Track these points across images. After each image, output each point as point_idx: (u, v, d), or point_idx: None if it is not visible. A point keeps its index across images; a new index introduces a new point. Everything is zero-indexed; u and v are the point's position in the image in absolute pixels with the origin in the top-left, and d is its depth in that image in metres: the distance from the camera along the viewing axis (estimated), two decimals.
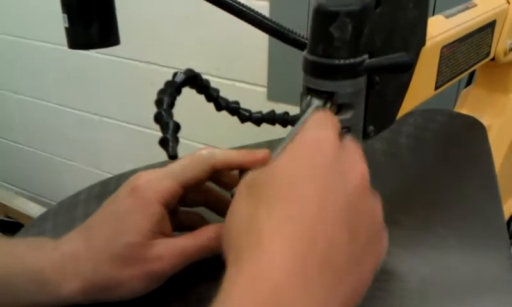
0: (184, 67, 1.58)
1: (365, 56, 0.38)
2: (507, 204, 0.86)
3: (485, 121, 0.74)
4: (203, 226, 0.42)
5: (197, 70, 1.51)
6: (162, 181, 0.41)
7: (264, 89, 1.50)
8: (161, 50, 1.64)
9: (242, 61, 1.49)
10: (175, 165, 0.42)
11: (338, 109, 0.40)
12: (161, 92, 0.41)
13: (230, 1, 0.51)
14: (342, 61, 0.38)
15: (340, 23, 0.37)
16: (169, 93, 0.41)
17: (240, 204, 0.32)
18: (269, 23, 0.51)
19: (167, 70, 1.65)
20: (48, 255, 0.41)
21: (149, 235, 0.40)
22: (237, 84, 1.55)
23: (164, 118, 0.39)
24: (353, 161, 0.33)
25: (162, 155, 0.45)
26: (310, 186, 0.30)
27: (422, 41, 0.46)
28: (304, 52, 0.40)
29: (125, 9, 0.56)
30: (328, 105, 0.39)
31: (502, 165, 0.75)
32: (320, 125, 0.34)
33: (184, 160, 0.42)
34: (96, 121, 1.93)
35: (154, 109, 0.46)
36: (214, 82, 0.49)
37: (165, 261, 0.40)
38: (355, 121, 0.41)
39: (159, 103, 0.40)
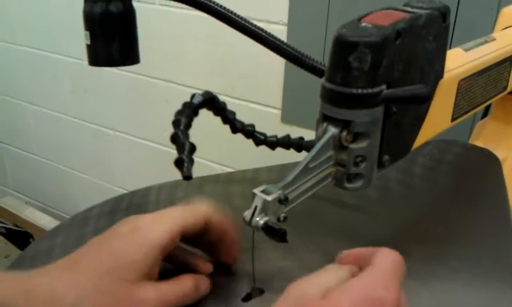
0: (200, 86, 1.59)
1: (383, 86, 0.38)
2: None
3: (500, 154, 0.74)
4: (186, 275, 0.43)
5: (212, 89, 1.52)
6: (164, 225, 0.41)
7: (279, 112, 1.51)
8: (178, 69, 1.65)
9: (258, 82, 1.49)
10: (176, 211, 0.42)
11: (354, 138, 0.40)
12: (179, 113, 0.42)
13: (249, 25, 0.51)
14: (359, 91, 0.38)
15: (359, 53, 0.37)
16: (187, 114, 0.41)
17: None
18: (287, 48, 0.52)
19: (183, 89, 1.67)
20: (19, 288, 0.39)
21: (140, 276, 0.39)
22: (252, 105, 1.56)
23: (181, 139, 0.39)
24: None
25: (175, 173, 0.45)
26: None
27: (440, 74, 0.46)
28: (323, 80, 0.40)
29: (144, 26, 0.57)
30: (344, 133, 0.40)
31: None
32: (389, 285, 0.33)
33: (184, 208, 0.42)
34: (111, 135, 1.94)
35: (169, 127, 0.46)
36: (229, 102, 0.49)
37: (148, 306, 0.40)
38: (370, 150, 0.41)
39: (176, 123, 0.40)
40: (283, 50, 0.53)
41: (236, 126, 0.49)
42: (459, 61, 0.51)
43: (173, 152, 0.44)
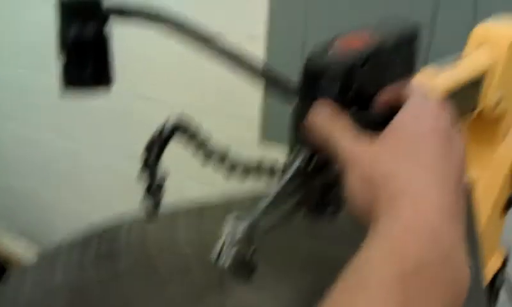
0: (177, 104, 1.58)
1: (354, 109, 0.39)
2: (494, 258, 0.87)
3: (472, 174, 0.75)
4: None
5: (190, 107, 1.52)
6: None
7: (256, 130, 1.51)
8: (155, 87, 1.65)
9: (236, 100, 1.50)
10: None
11: (322, 166, 0.40)
12: (150, 142, 0.42)
13: (219, 45, 0.52)
14: None
15: (327, 79, 0.37)
16: (158, 144, 0.42)
17: (384, 154, 0.35)
18: (260, 68, 0.52)
19: (159, 105, 1.66)
20: None
21: None
22: (230, 122, 1.56)
23: (150, 170, 0.39)
24: (457, 134, 0.38)
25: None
26: (437, 144, 0.35)
27: None
28: (293, 107, 0.40)
29: (120, 45, 0.57)
30: (315, 157, 0.40)
31: (487, 220, 0.76)
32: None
33: None
34: (87, 156, 1.93)
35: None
36: (207, 121, 0.49)
37: None
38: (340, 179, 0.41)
39: (146, 153, 0.41)
40: (256, 70, 0.54)
41: (209, 151, 0.49)
42: (429, 83, 0.52)
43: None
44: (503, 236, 0.88)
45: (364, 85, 0.39)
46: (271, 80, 0.54)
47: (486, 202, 0.76)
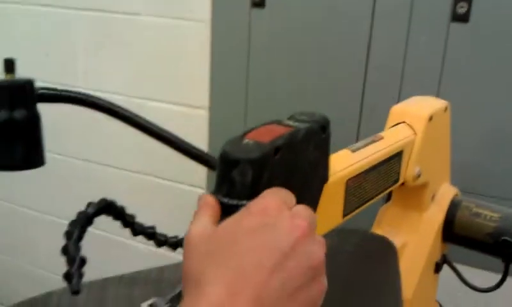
0: (122, 166, 1.58)
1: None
2: None
3: (401, 238, 0.78)
4: None
5: (135, 168, 1.52)
6: None
7: (204, 191, 1.52)
8: (99, 148, 1.66)
9: (181, 162, 1.51)
10: None
11: None
12: (72, 224, 0.43)
13: (149, 127, 0.54)
14: (244, 202, 0.40)
15: (241, 169, 0.40)
16: (80, 225, 0.43)
17: (189, 256, 0.37)
18: (181, 142, 0.55)
19: (105, 168, 1.66)
20: None
21: None
22: (176, 185, 1.57)
23: (71, 252, 0.40)
24: (292, 221, 0.37)
25: (98, 254, 0.45)
26: (249, 241, 0.36)
27: (325, 178, 0.50)
28: (212, 190, 0.42)
29: (66, 107, 0.58)
30: None
31: (419, 280, 0.79)
32: (267, 194, 0.39)
33: None
34: (33, 216, 1.89)
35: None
36: (153, 183, 0.50)
37: None
38: None
39: (68, 235, 0.41)
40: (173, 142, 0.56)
41: (136, 229, 0.50)
42: (346, 162, 0.55)
43: (95, 232, 0.44)
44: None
45: (276, 173, 0.42)
46: (196, 158, 0.56)
47: (417, 263, 0.79)
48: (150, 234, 0.51)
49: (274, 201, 0.38)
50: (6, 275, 2.07)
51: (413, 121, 0.71)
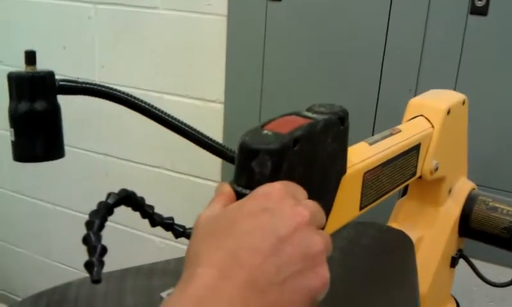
0: (139, 160, 1.60)
1: None
2: None
3: (417, 233, 0.78)
4: None
5: (152, 163, 1.53)
6: None
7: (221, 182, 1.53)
8: (118, 143, 1.67)
9: (197, 156, 1.53)
10: None
11: None
12: (93, 214, 0.43)
13: (167, 117, 0.55)
14: None
15: (260, 160, 0.40)
16: (101, 214, 0.43)
17: (193, 238, 0.37)
18: (197, 134, 0.56)
19: (123, 162, 1.68)
20: None
21: None
22: (192, 178, 1.58)
23: (92, 241, 0.41)
24: (294, 208, 0.37)
25: (114, 247, 0.45)
26: (246, 224, 0.36)
27: (343, 170, 0.50)
28: (230, 181, 0.43)
29: (85, 101, 0.59)
30: None
31: (435, 275, 0.79)
32: (275, 183, 0.39)
33: None
34: (49, 209, 1.91)
35: None
36: (170, 176, 0.51)
37: None
38: None
39: (89, 225, 0.42)
40: (196, 137, 0.57)
41: (155, 219, 0.50)
42: (363, 155, 0.55)
43: (114, 226, 0.45)
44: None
45: (295, 164, 0.42)
46: (213, 150, 0.57)
47: (433, 257, 0.79)
48: (168, 225, 0.52)
49: (280, 188, 0.38)
50: (22, 268, 2.10)
51: (430, 114, 0.70)
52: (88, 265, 0.39)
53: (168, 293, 0.38)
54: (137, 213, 0.50)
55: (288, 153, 0.41)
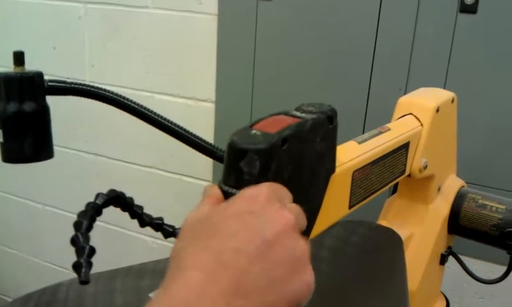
0: (130, 160, 1.60)
1: None
2: (437, 305, 0.90)
3: (406, 230, 0.79)
4: None
5: (143, 162, 1.53)
6: None
7: (210, 184, 1.53)
8: (108, 143, 1.66)
9: (188, 156, 1.52)
10: None
11: None
12: (81, 214, 0.43)
13: (154, 118, 0.55)
14: None
15: (249, 159, 0.40)
16: (90, 215, 0.43)
17: (179, 238, 0.37)
18: (187, 134, 0.56)
19: (114, 162, 1.67)
20: None
21: None
22: (183, 178, 1.58)
23: (80, 242, 0.41)
24: (280, 212, 0.37)
25: (103, 247, 0.46)
26: (232, 225, 0.35)
27: (332, 169, 0.50)
28: (219, 181, 0.43)
29: (75, 101, 0.58)
30: None
31: (425, 272, 0.79)
32: (262, 185, 0.39)
33: None
34: (40, 210, 1.90)
35: None
36: (161, 175, 0.51)
37: None
38: None
39: (77, 226, 0.42)
40: (184, 136, 0.57)
41: (144, 220, 0.51)
42: (352, 153, 0.55)
43: (103, 226, 0.45)
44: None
45: (284, 164, 0.42)
46: (202, 150, 0.57)
47: (422, 254, 0.79)
48: (157, 225, 0.52)
49: (267, 192, 0.38)
50: (13, 269, 2.09)
51: (420, 113, 0.71)
52: (76, 266, 0.39)
53: (156, 293, 0.38)
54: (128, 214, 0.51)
55: (277, 153, 0.41)
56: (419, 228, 0.80)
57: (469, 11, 1.10)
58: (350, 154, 0.55)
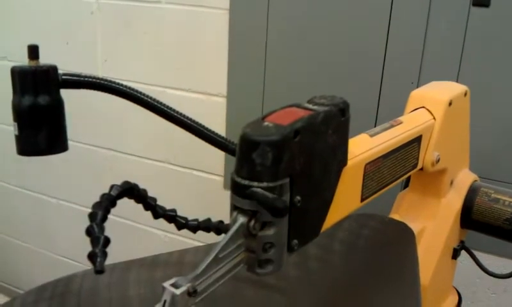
0: (143, 154, 1.61)
1: (286, 180, 0.42)
2: (449, 299, 0.90)
3: (419, 224, 0.78)
4: None
5: (155, 157, 1.54)
6: None
7: (221, 178, 1.54)
8: (121, 138, 1.67)
9: (201, 150, 1.53)
10: None
11: (262, 226, 0.43)
12: (96, 205, 0.44)
13: (168, 112, 0.55)
14: (264, 184, 0.41)
15: (261, 151, 0.40)
16: (104, 206, 0.44)
17: None
18: (200, 128, 0.56)
19: (127, 157, 1.68)
20: None
21: None
22: (195, 172, 1.58)
23: (96, 233, 0.41)
24: None
25: (117, 241, 0.46)
26: None
27: (344, 162, 0.50)
28: (231, 172, 0.43)
29: (88, 96, 0.59)
30: (252, 222, 0.43)
31: (437, 266, 0.79)
32: None
33: None
34: (53, 204, 1.92)
35: None
36: (172, 170, 0.51)
37: None
38: (279, 237, 0.44)
39: (92, 216, 0.42)
40: (197, 130, 0.57)
41: (158, 212, 0.51)
42: (365, 146, 0.55)
43: (117, 220, 0.45)
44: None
45: (296, 156, 0.42)
46: (216, 143, 0.57)
47: (434, 248, 0.79)
48: (170, 217, 0.52)
49: None
50: (26, 262, 2.11)
51: (432, 106, 0.70)
52: (91, 256, 0.39)
53: (171, 283, 0.38)
54: (141, 207, 0.51)
55: (289, 145, 0.42)
56: (431, 222, 0.80)
57: (482, 5, 1.09)
58: (362, 147, 0.55)
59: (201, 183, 1.58)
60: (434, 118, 0.71)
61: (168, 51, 1.52)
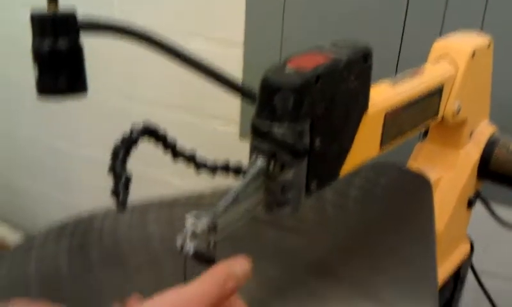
0: (160, 103, 1.61)
1: (307, 123, 0.42)
2: (458, 250, 0.91)
3: (435, 174, 0.78)
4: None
5: (171, 106, 1.54)
6: None
7: (237, 127, 1.54)
8: (140, 87, 1.67)
9: (216, 99, 1.53)
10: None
11: (281, 168, 0.43)
12: (118, 144, 0.44)
13: (187, 57, 0.55)
14: (285, 125, 0.41)
15: (282, 95, 0.40)
16: (126, 145, 0.44)
17: None
18: (220, 73, 0.56)
19: (143, 107, 1.69)
20: None
21: None
22: (213, 121, 1.59)
23: (118, 170, 0.42)
24: None
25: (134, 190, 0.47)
26: None
27: (365, 108, 0.50)
28: (252, 115, 0.43)
29: (108, 47, 0.59)
30: (272, 163, 0.43)
31: (452, 214, 0.79)
32: None
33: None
34: (72, 153, 1.95)
35: None
36: (188, 120, 0.51)
37: None
38: (297, 179, 0.44)
39: (114, 155, 0.43)
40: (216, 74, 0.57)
41: (177, 151, 0.52)
42: (386, 94, 0.55)
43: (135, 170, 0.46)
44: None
45: (317, 100, 0.42)
46: (234, 88, 0.57)
47: (450, 198, 0.79)
48: (190, 156, 0.53)
49: None
50: (46, 210, 2.15)
51: (455, 57, 0.69)
52: (114, 192, 0.40)
53: (193, 213, 0.39)
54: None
55: (310, 90, 0.41)
56: (448, 172, 0.80)
57: None
58: (383, 94, 0.54)
59: (216, 132, 1.59)
60: (456, 69, 0.69)
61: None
